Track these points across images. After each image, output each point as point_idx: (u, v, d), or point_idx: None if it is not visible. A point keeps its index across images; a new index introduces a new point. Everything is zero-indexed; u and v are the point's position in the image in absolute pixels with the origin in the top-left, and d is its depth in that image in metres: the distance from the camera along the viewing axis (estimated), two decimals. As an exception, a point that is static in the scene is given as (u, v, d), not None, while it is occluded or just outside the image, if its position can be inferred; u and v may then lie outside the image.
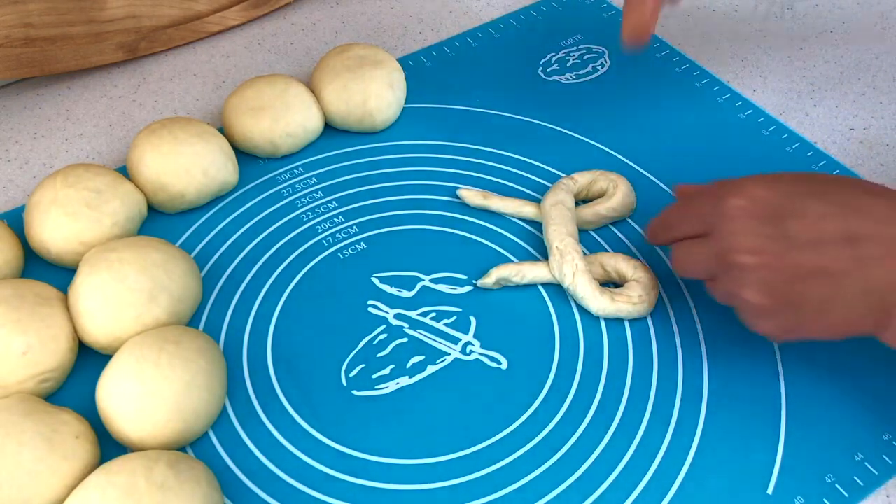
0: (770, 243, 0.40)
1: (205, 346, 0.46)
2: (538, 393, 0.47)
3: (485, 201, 0.56)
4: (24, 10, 0.61)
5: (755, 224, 0.40)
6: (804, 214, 0.39)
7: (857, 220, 0.38)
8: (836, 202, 0.39)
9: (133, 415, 0.43)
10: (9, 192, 0.59)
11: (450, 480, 0.44)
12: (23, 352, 0.45)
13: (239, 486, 0.44)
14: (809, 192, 0.40)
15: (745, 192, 0.41)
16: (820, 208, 0.39)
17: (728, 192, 0.41)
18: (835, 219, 0.39)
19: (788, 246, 0.39)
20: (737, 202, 0.41)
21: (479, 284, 0.52)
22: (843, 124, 0.63)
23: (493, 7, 0.73)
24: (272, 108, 0.58)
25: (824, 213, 0.39)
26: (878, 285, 0.38)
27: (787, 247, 0.39)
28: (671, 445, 0.45)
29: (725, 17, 0.72)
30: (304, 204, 0.57)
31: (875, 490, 0.44)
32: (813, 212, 0.39)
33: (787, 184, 0.41)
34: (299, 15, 0.73)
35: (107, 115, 0.64)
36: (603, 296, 0.49)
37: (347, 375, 0.48)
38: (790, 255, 0.39)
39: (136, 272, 0.47)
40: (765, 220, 0.40)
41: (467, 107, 0.64)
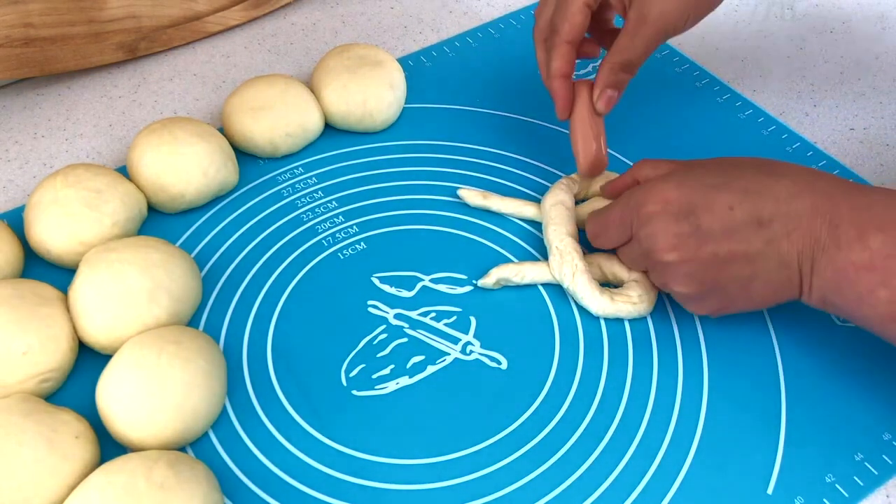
0: (686, 239, 0.43)
1: (205, 346, 0.46)
2: (538, 393, 0.47)
3: (485, 201, 0.56)
4: (24, 10, 0.61)
5: (670, 224, 0.44)
6: (713, 207, 0.42)
7: (761, 203, 0.42)
8: (740, 189, 0.42)
9: (133, 415, 0.43)
10: (9, 192, 0.59)
11: (450, 480, 0.44)
12: (23, 352, 0.45)
13: (239, 486, 0.44)
14: (715, 184, 0.43)
15: (656, 197, 0.44)
16: (727, 198, 0.42)
17: (641, 201, 0.45)
18: (741, 206, 0.42)
19: (704, 238, 0.43)
20: (650, 208, 0.44)
21: (480, 284, 0.52)
22: (843, 124, 0.63)
23: (493, 7, 0.73)
24: (272, 108, 0.58)
25: (731, 203, 0.42)
26: (790, 258, 0.42)
27: (702, 239, 0.43)
28: (671, 445, 0.45)
29: (725, 17, 0.72)
30: (304, 204, 0.57)
31: (875, 490, 0.44)
32: (721, 203, 0.42)
33: (695, 178, 0.44)
34: (299, 15, 0.73)
35: (107, 115, 0.64)
36: (603, 296, 0.50)
37: (347, 375, 0.48)
38: (707, 246, 0.43)
39: (136, 272, 0.47)
40: (678, 219, 0.43)
41: (467, 107, 0.64)
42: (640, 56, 0.50)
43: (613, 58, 0.50)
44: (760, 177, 0.43)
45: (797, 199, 0.41)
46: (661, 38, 0.49)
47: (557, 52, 0.51)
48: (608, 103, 0.51)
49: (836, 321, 0.50)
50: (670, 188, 0.44)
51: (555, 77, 0.51)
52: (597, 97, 0.51)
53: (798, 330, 0.50)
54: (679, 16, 0.48)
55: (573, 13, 0.50)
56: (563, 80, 0.52)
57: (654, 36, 0.49)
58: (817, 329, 0.50)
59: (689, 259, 0.44)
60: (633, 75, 0.51)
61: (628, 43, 0.49)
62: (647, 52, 0.50)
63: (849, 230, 0.40)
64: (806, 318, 0.50)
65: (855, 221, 0.40)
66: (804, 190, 0.41)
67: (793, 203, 0.41)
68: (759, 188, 0.42)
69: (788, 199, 0.41)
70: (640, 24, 0.48)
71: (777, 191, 0.42)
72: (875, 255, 0.39)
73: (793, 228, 0.41)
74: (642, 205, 0.45)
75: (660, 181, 0.45)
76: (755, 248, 0.42)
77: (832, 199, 0.41)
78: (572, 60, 0.51)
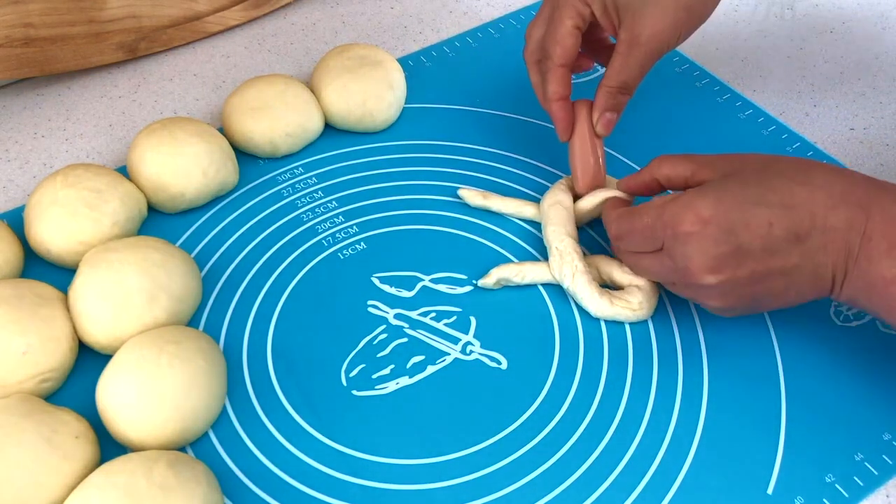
0: (725, 260, 0.42)
1: (205, 346, 0.46)
2: (538, 393, 0.47)
3: (485, 201, 0.56)
4: (24, 10, 0.61)
5: (709, 246, 0.42)
6: (751, 225, 0.41)
7: (798, 219, 0.41)
8: (778, 204, 0.41)
9: (133, 415, 0.43)
10: (9, 192, 0.59)
11: (450, 480, 0.44)
12: (23, 352, 0.45)
13: (239, 486, 0.44)
14: (753, 199, 0.41)
15: (693, 215, 0.42)
16: (766, 215, 0.41)
17: (678, 218, 0.43)
18: (780, 223, 0.41)
19: (743, 258, 0.42)
20: (688, 227, 0.42)
21: (480, 284, 0.52)
22: (843, 124, 0.63)
23: (493, 7, 0.73)
24: (272, 108, 0.58)
25: (770, 220, 0.41)
26: (824, 269, 0.42)
27: (741, 259, 0.42)
28: (671, 445, 0.45)
29: (725, 17, 0.72)
30: (304, 204, 0.57)
31: (875, 490, 0.44)
32: (760, 221, 0.41)
33: (732, 193, 0.42)
34: (299, 15, 0.73)
35: (107, 115, 0.64)
36: (602, 298, 0.49)
37: (347, 375, 0.48)
38: (746, 265, 0.42)
39: (136, 272, 0.47)
40: (718, 241, 0.42)
41: (467, 107, 0.64)
42: (636, 77, 0.50)
43: (610, 81, 0.50)
44: (795, 188, 0.41)
45: (833, 213, 0.41)
46: (654, 57, 0.49)
47: (552, 77, 0.51)
48: (608, 125, 0.51)
49: (836, 321, 0.50)
50: (707, 206, 0.42)
51: (553, 101, 0.52)
52: (596, 120, 0.51)
53: (798, 330, 0.50)
54: (671, 34, 0.48)
55: (563, 36, 0.50)
56: (561, 104, 0.52)
57: (647, 56, 0.49)
58: (817, 329, 0.50)
59: (728, 280, 0.42)
60: (630, 96, 0.51)
61: (623, 65, 0.49)
62: (643, 73, 0.50)
63: (880, 243, 0.40)
64: (806, 319, 0.50)
65: (887, 234, 0.40)
66: (840, 203, 0.41)
67: (829, 217, 0.40)
68: (795, 202, 0.41)
69: (825, 214, 0.41)
70: (632, 45, 0.49)
71: (814, 205, 0.41)
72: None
73: (829, 241, 0.41)
74: (679, 223, 0.43)
75: (696, 196, 0.43)
76: (792, 262, 0.41)
77: (867, 211, 0.40)
78: (568, 83, 0.52)
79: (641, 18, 0.48)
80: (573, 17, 0.50)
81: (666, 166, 0.47)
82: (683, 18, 0.48)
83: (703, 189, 0.43)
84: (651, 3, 0.48)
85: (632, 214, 0.46)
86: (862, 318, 0.51)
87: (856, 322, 0.50)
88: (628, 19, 0.48)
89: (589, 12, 0.50)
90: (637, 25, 0.48)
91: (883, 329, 0.50)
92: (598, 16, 0.50)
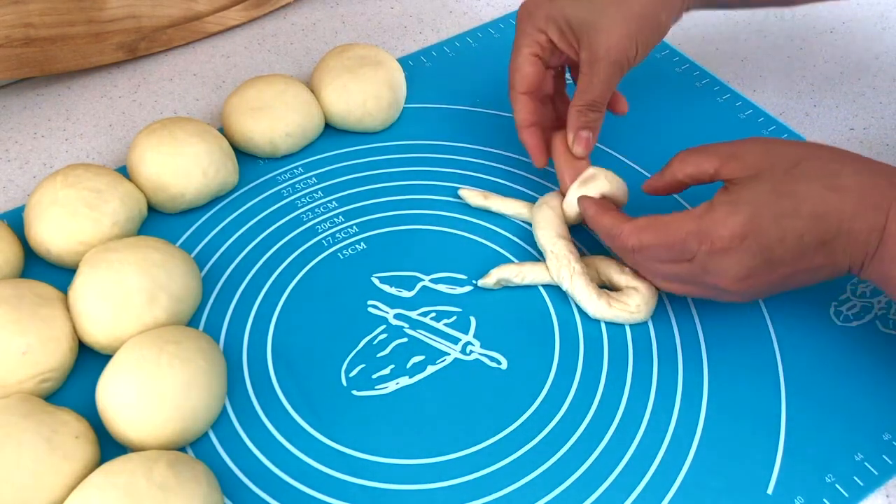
0: (758, 271, 0.43)
1: (205, 346, 0.46)
2: (538, 393, 0.47)
3: (485, 202, 0.56)
4: (24, 10, 0.61)
5: (744, 260, 0.42)
6: (786, 239, 0.42)
7: (826, 226, 0.41)
8: (810, 215, 0.41)
9: (133, 415, 0.43)
10: (9, 192, 0.59)
11: (450, 480, 0.44)
12: (23, 352, 0.45)
13: (239, 486, 0.44)
14: (786, 212, 0.42)
15: (729, 231, 0.42)
16: (799, 228, 0.41)
17: (714, 234, 0.42)
18: (811, 233, 0.41)
19: (775, 266, 0.43)
20: (724, 244, 0.42)
21: (480, 284, 0.52)
22: (843, 124, 0.63)
23: (493, 7, 0.73)
24: (272, 108, 0.58)
25: (802, 232, 0.41)
26: (842, 265, 0.43)
27: (773, 267, 0.43)
28: (671, 445, 0.45)
29: (725, 17, 0.72)
30: (304, 204, 0.57)
31: (875, 490, 0.44)
32: (793, 234, 0.42)
33: (766, 207, 0.42)
34: (299, 15, 0.73)
35: (107, 115, 0.64)
36: (600, 300, 0.49)
37: (347, 375, 0.48)
38: (777, 271, 0.43)
39: (136, 272, 0.47)
40: (753, 255, 0.42)
41: (467, 107, 0.64)
42: (602, 93, 0.50)
43: (577, 101, 0.51)
44: (826, 194, 0.42)
45: (859, 219, 0.41)
46: (617, 70, 0.50)
47: (516, 105, 0.52)
48: (585, 144, 0.51)
49: (836, 321, 0.50)
50: (744, 223, 0.42)
51: (521, 128, 0.53)
52: (571, 142, 0.51)
53: (798, 330, 0.50)
54: (628, 45, 0.49)
55: (521, 64, 0.52)
56: (531, 130, 0.53)
57: (608, 71, 0.49)
58: (817, 329, 0.50)
59: (758, 285, 0.44)
60: (601, 113, 0.51)
61: (587, 83, 0.50)
62: (609, 87, 0.50)
63: (893, 248, 0.41)
64: (806, 318, 0.50)
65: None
66: (867, 209, 0.41)
67: (855, 222, 0.41)
68: (826, 209, 0.41)
69: (851, 219, 0.41)
70: (592, 62, 0.50)
71: (842, 210, 0.41)
72: None
73: (850, 243, 0.42)
74: (716, 239, 0.42)
75: (731, 212, 0.42)
76: (817, 263, 0.43)
77: (886, 213, 0.41)
78: (534, 109, 0.52)
79: (596, 34, 0.49)
80: (529, 44, 0.51)
81: (690, 165, 0.46)
82: (636, 28, 0.49)
83: (736, 202, 0.43)
84: (603, 18, 0.49)
85: (658, 227, 0.45)
86: (862, 318, 0.51)
87: (856, 322, 0.50)
88: (584, 38, 0.49)
89: (545, 38, 0.51)
90: (594, 42, 0.49)
91: (883, 329, 0.50)
92: (555, 41, 0.51)
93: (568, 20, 0.50)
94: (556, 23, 0.50)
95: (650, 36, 0.50)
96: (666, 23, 0.51)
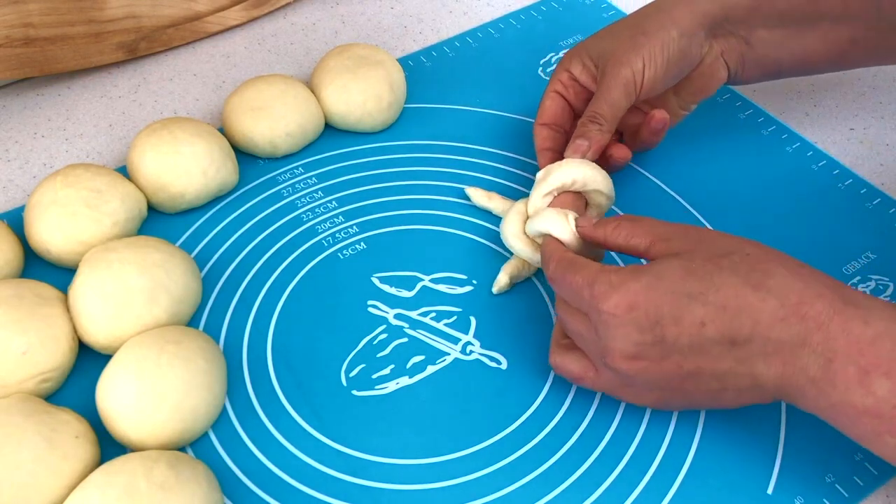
0: (648, 349, 0.39)
1: (205, 346, 0.46)
2: (538, 393, 0.47)
3: (488, 203, 0.56)
4: (24, 10, 0.61)
5: (631, 333, 0.39)
6: (682, 320, 0.38)
7: (737, 324, 0.38)
8: (717, 305, 0.38)
9: (133, 415, 0.43)
10: (9, 192, 0.59)
11: (450, 480, 0.44)
12: (23, 352, 0.45)
13: (239, 486, 0.44)
14: (691, 292, 0.38)
15: (622, 299, 0.39)
16: (700, 313, 0.38)
17: (605, 296, 0.40)
18: (714, 324, 0.38)
19: (668, 350, 0.39)
20: (613, 310, 0.39)
21: (496, 291, 0.52)
22: (843, 124, 0.63)
23: (493, 7, 0.73)
24: (272, 108, 0.58)
25: (703, 319, 0.38)
26: (766, 380, 0.38)
27: (667, 351, 0.39)
28: (671, 445, 0.45)
29: (725, 17, 0.72)
30: (304, 204, 0.57)
31: (875, 490, 0.44)
32: (691, 317, 0.38)
33: (670, 282, 0.39)
34: (299, 15, 0.73)
35: (107, 115, 0.64)
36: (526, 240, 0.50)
37: (347, 375, 0.48)
38: (671, 358, 0.39)
39: (136, 272, 0.47)
40: (642, 329, 0.39)
41: (467, 107, 0.64)
42: (605, 107, 0.51)
43: (585, 112, 0.52)
44: (745, 290, 0.38)
45: (781, 325, 0.37)
46: (620, 84, 0.50)
47: (535, 134, 0.55)
48: (579, 151, 0.50)
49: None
50: (638, 291, 0.39)
51: (538, 151, 0.54)
52: (567, 147, 0.51)
53: (798, 330, 0.50)
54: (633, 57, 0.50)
55: (543, 99, 0.55)
56: (543, 153, 0.54)
57: (613, 82, 0.50)
58: (817, 329, 0.50)
59: (649, 369, 0.40)
60: (601, 127, 0.51)
61: (595, 98, 0.52)
62: (613, 104, 0.51)
63: (846, 368, 0.36)
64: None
65: (854, 359, 0.36)
66: (792, 315, 0.37)
67: (775, 328, 0.37)
68: (739, 306, 0.38)
69: (771, 324, 0.37)
70: (602, 80, 0.51)
71: (759, 313, 0.37)
72: (881, 403, 0.36)
73: (772, 352, 0.38)
74: (604, 300, 0.39)
75: (629, 278, 0.39)
76: (725, 366, 0.38)
77: (825, 329, 0.37)
78: (550, 137, 0.54)
79: (611, 57, 0.51)
80: (554, 83, 0.55)
81: (623, 233, 0.43)
82: (643, 41, 0.50)
83: (640, 271, 0.40)
84: (619, 45, 0.51)
85: (568, 267, 0.43)
86: (862, 318, 0.51)
87: (856, 322, 0.50)
88: (601, 64, 0.52)
89: (567, 76, 0.54)
90: (607, 64, 0.51)
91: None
92: (576, 74, 0.54)
93: (590, 54, 0.53)
94: (580, 58, 0.53)
95: (661, 54, 0.51)
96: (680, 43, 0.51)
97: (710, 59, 0.54)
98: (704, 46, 0.53)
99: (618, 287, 0.39)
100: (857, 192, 0.57)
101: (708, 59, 0.54)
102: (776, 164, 0.59)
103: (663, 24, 0.51)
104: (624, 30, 0.52)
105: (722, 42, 0.53)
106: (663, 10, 0.52)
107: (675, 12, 0.51)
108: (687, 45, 0.51)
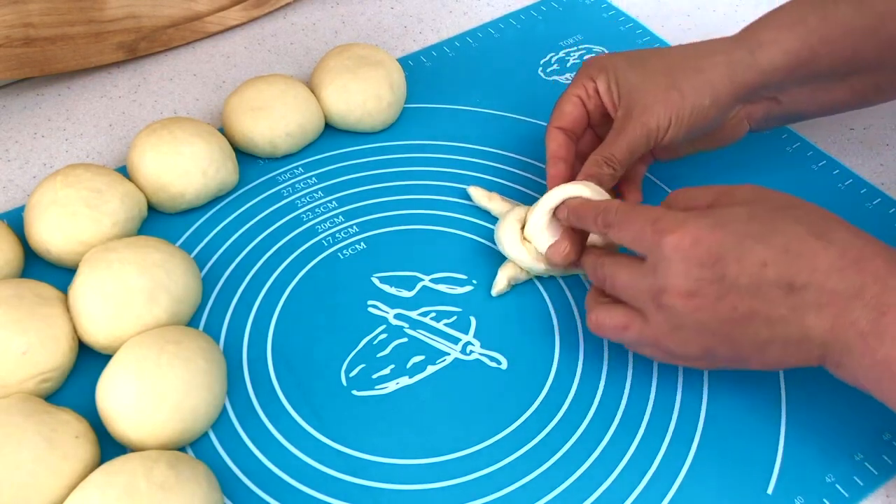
0: (706, 286, 0.39)
1: (205, 346, 0.46)
2: (538, 393, 0.47)
3: (488, 203, 0.56)
4: (24, 10, 0.61)
5: (692, 266, 0.39)
6: (744, 259, 0.38)
7: (797, 268, 0.38)
8: (779, 247, 0.38)
9: (133, 415, 0.43)
10: (9, 192, 0.59)
11: (450, 480, 0.44)
12: (23, 352, 0.45)
13: (239, 486, 0.44)
14: (755, 234, 0.39)
15: (687, 232, 0.39)
16: (761, 253, 0.38)
17: (670, 228, 0.40)
18: (775, 265, 0.38)
19: (726, 289, 0.39)
20: (677, 241, 0.39)
21: (495, 294, 0.52)
22: (843, 124, 0.63)
23: (493, 7, 0.73)
24: (272, 108, 0.58)
25: (765, 260, 0.38)
26: (815, 333, 0.38)
27: (724, 290, 0.39)
28: (671, 445, 0.45)
29: (725, 17, 0.72)
30: (304, 204, 0.57)
31: (875, 490, 0.44)
32: (753, 257, 0.38)
33: (735, 221, 0.39)
34: (299, 15, 0.73)
35: (107, 115, 0.64)
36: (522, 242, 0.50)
37: (347, 375, 0.48)
38: (727, 298, 0.39)
39: (136, 272, 0.47)
40: (703, 264, 0.39)
41: (467, 107, 0.64)
42: (622, 152, 0.49)
43: (598, 151, 0.50)
44: (808, 238, 0.38)
45: (839, 276, 0.37)
46: (644, 134, 0.49)
47: (548, 137, 0.53)
48: None
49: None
50: (704, 226, 0.39)
51: (549, 158, 0.52)
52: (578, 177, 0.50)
53: (798, 330, 0.50)
54: (662, 113, 0.49)
55: (563, 102, 0.53)
56: (552, 161, 0.52)
57: (636, 131, 0.49)
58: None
59: (703, 308, 0.39)
60: (614, 171, 0.49)
61: (613, 139, 0.50)
62: (630, 151, 0.49)
63: None
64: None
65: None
66: (851, 267, 0.37)
67: (832, 278, 0.37)
68: (801, 250, 0.38)
69: (829, 272, 0.37)
70: (624, 120, 0.50)
71: (819, 260, 0.38)
72: None
73: (826, 303, 0.37)
74: (669, 234, 0.39)
75: (698, 215, 0.40)
76: (778, 312, 0.38)
77: (883, 282, 0.37)
78: (563, 143, 0.52)
79: (638, 98, 0.49)
80: (577, 87, 0.52)
81: (681, 200, 0.44)
82: (677, 107, 0.49)
83: (704, 213, 0.40)
84: (649, 86, 0.49)
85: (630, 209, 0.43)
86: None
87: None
88: (626, 99, 0.50)
89: (593, 86, 0.52)
90: (632, 104, 0.49)
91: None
92: (601, 91, 0.52)
93: (618, 78, 0.51)
94: (608, 76, 0.51)
95: (689, 118, 0.49)
96: (710, 112, 0.50)
97: (734, 121, 0.53)
98: (733, 111, 0.52)
99: (683, 222, 0.40)
100: (857, 192, 0.57)
101: (733, 121, 0.53)
102: (777, 164, 0.59)
103: (699, 89, 0.49)
104: (659, 76, 0.49)
105: (750, 106, 0.52)
106: (702, 71, 0.49)
107: (713, 75, 0.49)
108: (716, 115, 0.50)
